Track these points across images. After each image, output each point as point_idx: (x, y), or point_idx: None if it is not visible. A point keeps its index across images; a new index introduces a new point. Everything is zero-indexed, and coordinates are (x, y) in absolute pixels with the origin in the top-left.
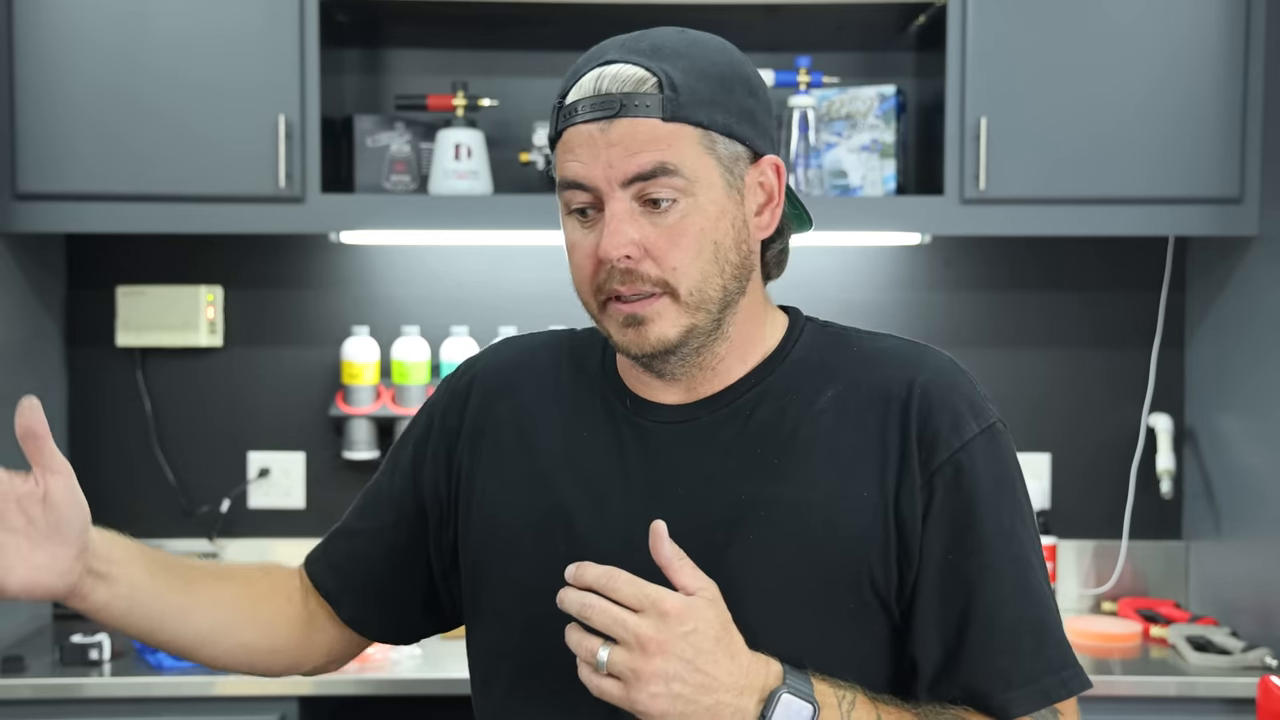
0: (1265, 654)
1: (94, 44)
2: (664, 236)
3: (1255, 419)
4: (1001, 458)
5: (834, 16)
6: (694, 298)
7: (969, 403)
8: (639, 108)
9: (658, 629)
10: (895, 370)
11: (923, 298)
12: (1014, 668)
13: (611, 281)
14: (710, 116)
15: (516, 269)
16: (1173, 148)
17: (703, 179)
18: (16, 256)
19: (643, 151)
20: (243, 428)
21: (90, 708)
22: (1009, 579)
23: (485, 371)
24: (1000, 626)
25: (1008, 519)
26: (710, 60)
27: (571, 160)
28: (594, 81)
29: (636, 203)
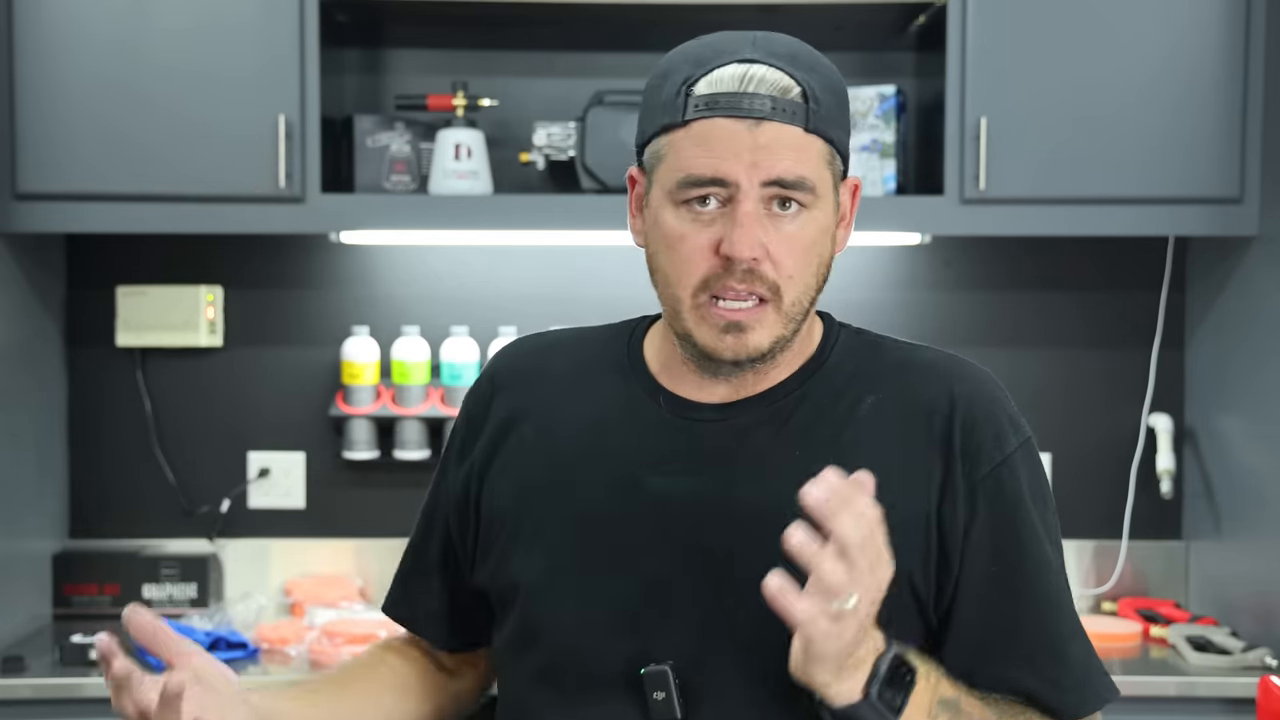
0: (1265, 654)
1: (94, 43)
2: (785, 243)
3: (1255, 419)
4: (1037, 470)
5: (833, 16)
6: (794, 308)
7: (1008, 416)
8: (785, 114)
9: (849, 571)
10: (937, 381)
11: (923, 298)
12: (1061, 676)
13: (729, 279)
14: (838, 134)
15: (516, 269)
16: (1172, 147)
17: (823, 193)
18: (16, 256)
19: (788, 158)
20: (243, 428)
21: (90, 708)
22: (1050, 591)
23: (503, 371)
24: (1046, 637)
25: (1042, 533)
26: (835, 78)
27: (705, 154)
28: (739, 77)
29: (764, 205)
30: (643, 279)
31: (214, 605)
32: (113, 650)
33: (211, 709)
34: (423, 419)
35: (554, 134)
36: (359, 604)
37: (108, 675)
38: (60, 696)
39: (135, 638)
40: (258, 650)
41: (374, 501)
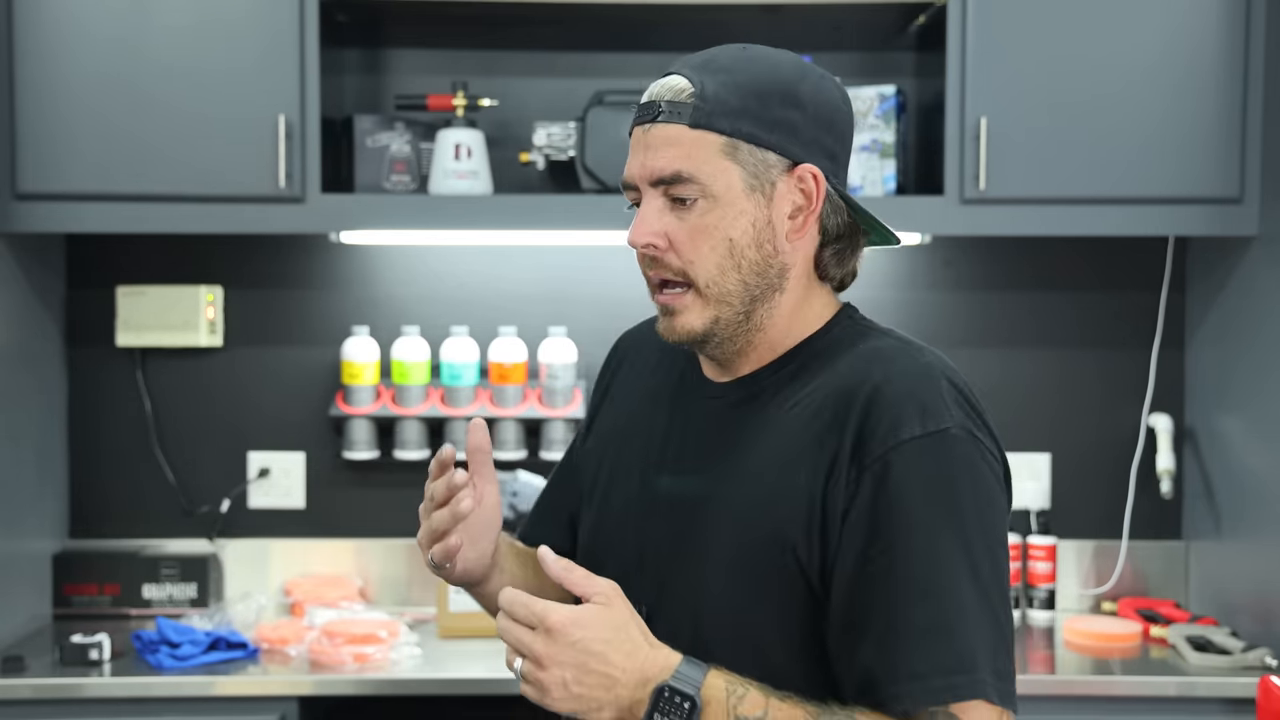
0: (1265, 654)
1: (94, 43)
2: (684, 231)
3: (1255, 419)
4: (943, 462)
5: (833, 16)
6: (712, 290)
7: (922, 406)
8: (673, 114)
9: (546, 644)
10: (868, 369)
11: (923, 298)
12: (905, 664)
13: (645, 268)
14: (734, 125)
15: (516, 269)
16: (1173, 148)
17: (721, 182)
18: (16, 256)
19: (665, 155)
20: (243, 428)
21: (90, 708)
22: (920, 581)
23: (625, 345)
24: (899, 623)
25: (933, 522)
26: (753, 75)
27: (628, 159)
28: (650, 89)
29: (665, 199)
30: (641, 279)
31: (214, 605)
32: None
33: (475, 530)
34: (423, 419)
35: (554, 134)
36: (359, 604)
37: (438, 468)
38: (60, 696)
39: (467, 443)
40: (258, 650)
41: (374, 501)
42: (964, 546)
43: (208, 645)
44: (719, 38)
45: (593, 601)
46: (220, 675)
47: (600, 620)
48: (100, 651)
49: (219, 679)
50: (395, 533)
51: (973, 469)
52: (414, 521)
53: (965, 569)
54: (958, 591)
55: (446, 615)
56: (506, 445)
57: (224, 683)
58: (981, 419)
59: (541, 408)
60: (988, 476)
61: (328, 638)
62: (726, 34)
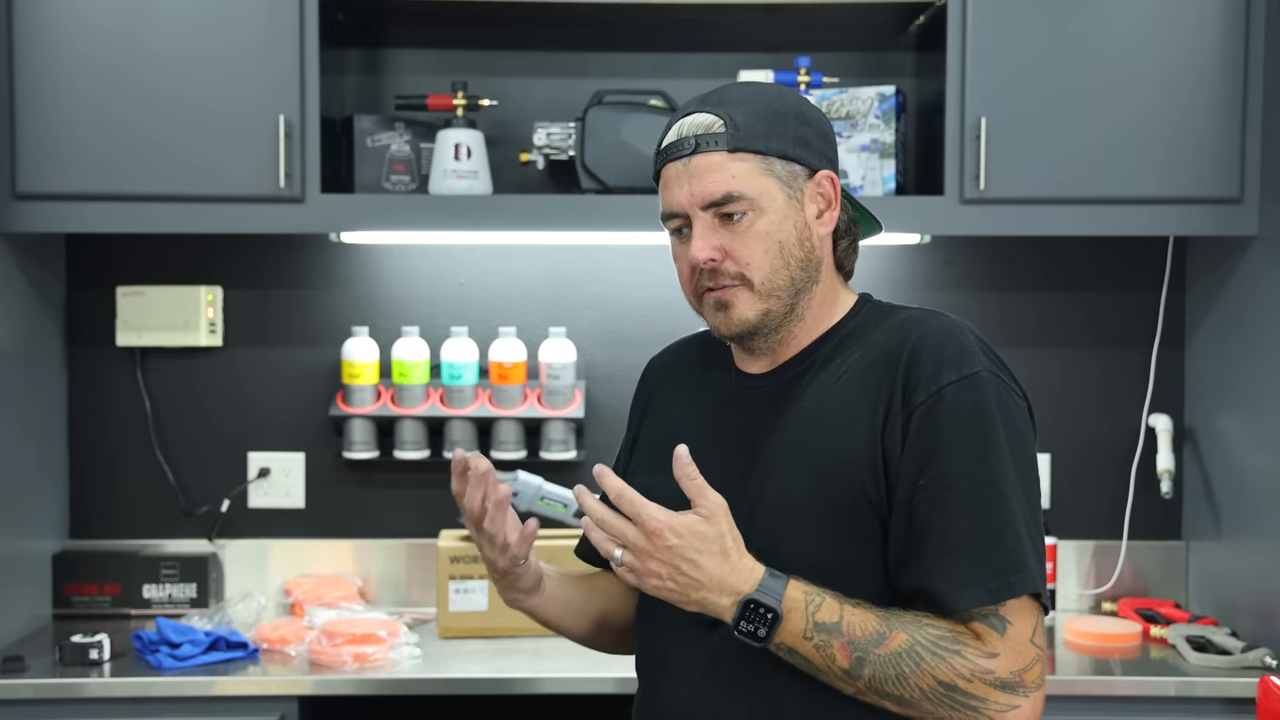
0: (1265, 654)
1: (93, 44)
2: (738, 241)
3: (1255, 419)
4: (978, 398)
5: (834, 16)
6: (765, 286)
7: (955, 355)
8: (709, 144)
9: (645, 541)
10: (901, 333)
11: (923, 297)
12: (961, 570)
13: (703, 280)
14: (766, 145)
15: (516, 269)
16: (1173, 148)
17: (764, 194)
18: (16, 256)
19: (712, 180)
20: (243, 428)
21: (90, 708)
22: (967, 498)
23: (655, 364)
24: (953, 536)
25: (975, 450)
26: (766, 102)
27: (666, 192)
28: (677, 129)
29: (715, 219)
30: (641, 279)
31: (214, 605)
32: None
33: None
34: (423, 419)
35: (554, 134)
36: (359, 604)
37: (459, 470)
38: (60, 696)
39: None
40: (258, 650)
41: (374, 501)
42: (1003, 468)
43: (208, 645)
44: (719, 38)
45: (697, 512)
46: (220, 675)
47: (696, 531)
48: (100, 651)
49: (219, 679)
50: (395, 533)
51: (1004, 404)
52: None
53: (1007, 487)
54: (1003, 506)
55: (446, 615)
56: (506, 445)
57: (224, 683)
58: (1004, 364)
59: (541, 408)
60: (1017, 410)
61: (328, 638)
62: (726, 34)
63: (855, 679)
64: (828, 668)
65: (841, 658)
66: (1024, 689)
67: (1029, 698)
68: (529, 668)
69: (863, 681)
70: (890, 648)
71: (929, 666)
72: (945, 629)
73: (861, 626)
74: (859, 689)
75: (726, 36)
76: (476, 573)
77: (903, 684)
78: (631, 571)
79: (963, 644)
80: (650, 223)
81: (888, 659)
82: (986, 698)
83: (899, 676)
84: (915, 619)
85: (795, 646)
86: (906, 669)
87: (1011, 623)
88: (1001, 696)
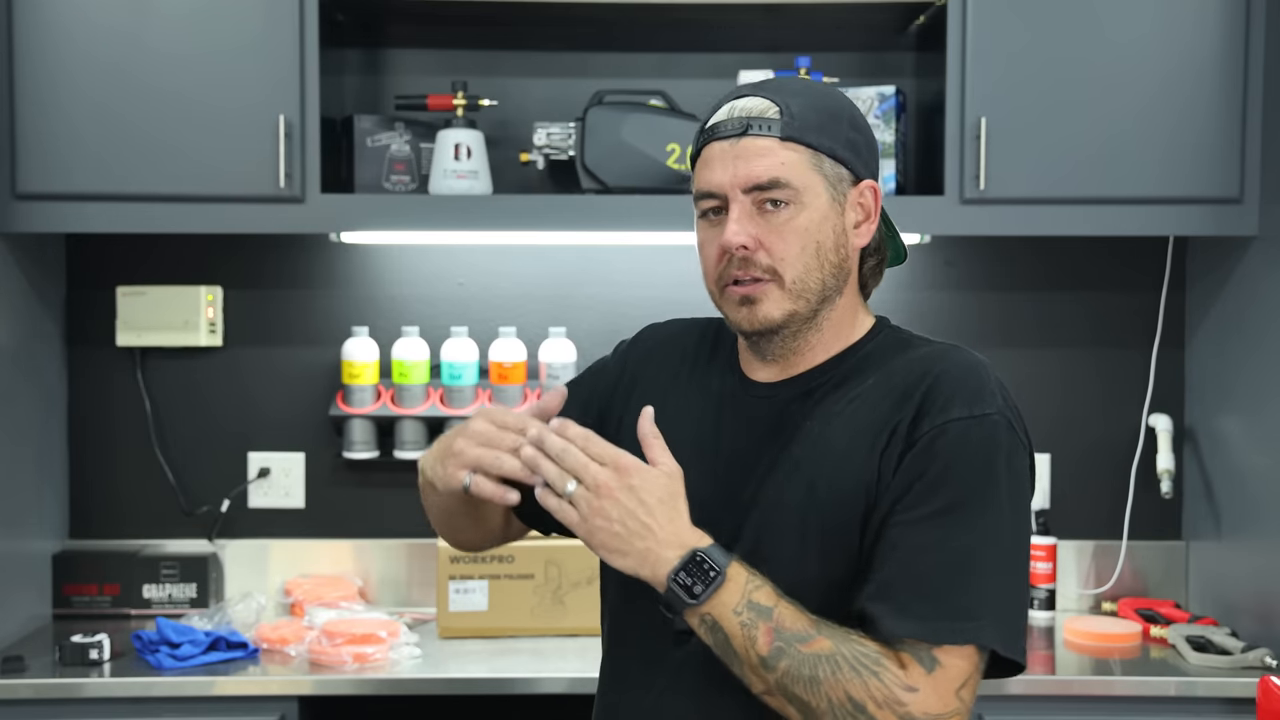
0: (1265, 654)
1: (93, 44)
2: (775, 233)
3: (1255, 419)
4: (986, 440)
5: (834, 16)
6: (796, 286)
7: (970, 394)
8: (762, 128)
9: (610, 478)
10: (922, 365)
11: (923, 298)
12: (908, 600)
13: (731, 268)
14: (819, 140)
15: (516, 269)
16: (1173, 148)
17: (810, 189)
18: (16, 256)
19: (761, 163)
20: (243, 428)
21: (90, 708)
22: (944, 532)
23: (651, 337)
24: (917, 566)
25: (968, 488)
26: (822, 99)
27: (705, 171)
28: (728, 110)
29: (754, 206)
30: (641, 279)
31: (214, 605)
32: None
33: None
34: (423, 419)
35: (554, 134)
36: (359, 604)
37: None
38: (60, 696)
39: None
40: (258, 650)
41: (374, 501)
42: (994, 514)
43: (208, 645)
44: (719, 38)
45: (660, 467)
46: (220, 675)
47: (659, 483)
48: (100, 651)
49: (219, 679)
50: (395, 533)
51: (1010, 453)
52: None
53: (992, 534)
54: (981, 553)
55: (446, 615)
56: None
57: (224, 683)
58: (1019, 416)
59: None
60: (1020, 461)
61: (328, 638)
62: (727, 34)
63: (769, 670)
64: (745, 651)
65: (763, 643)
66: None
67: None
68: (529, 668)
69: (775, 675)
70: (813, 649)
71: (844, 678)
72: (872, 649)
73: (792, 620)
74: (768, 685)
75: (726, 36)
76: (476, 573)
77: (813, 689)
78: (577, 509)
79: (883, 667)
80: (650, 222)
81: (806, 658)
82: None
83: (812, 680)
84: (845, 632)
85: (721, 619)
86: (821, 674)
87: (942, 665)
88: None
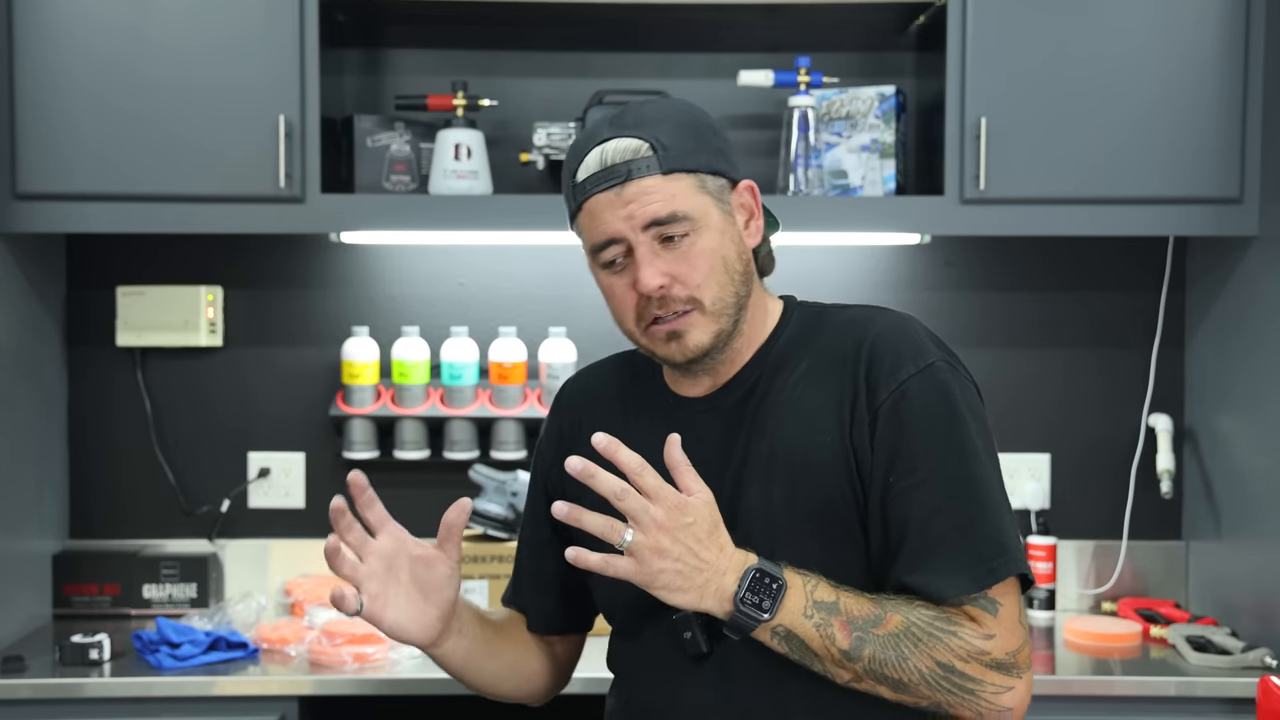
0: (1265, 654)
1: (94, 44)
2: (683, 262)
3: (1255, 419)
4: (939, 390)
5: (834, 16)
6: (716, 306)
7: (909, 347)
8: (641, 169)
9: (669, 516)
10: (852, 333)
11: (923, 298)
12: (942, 563)
13: (650, 308)
14: (695, 162)
15: (516, 269)
16: (1173, 148)
17: (703, 212)
18: (16, 256)
19: (653, 202)
20: (243, 428)
21: (90, 708)
22: (941, 491)
23: (573, 392)
24: (931, 532)
25: (943, 442)
26: (681, 118)
27: (596, 222)
28: (599, 158)
29: (656, 242)
30: None
31: (214, 605)
32: (343, 510)
33: (419, 587)
34: (423, 419)
35: (554, 134)
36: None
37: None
38: (60, 696)
39: (442, 522)
40: (258, 650)
41: None
42: (973, 456)
43: (208, 645)
44: (719, 38)
45: (698, 497)
46: (220, 675)
47: (704, 513)
48: (100, 651)
49: (219, 679)
50: None
51: (962, 390)
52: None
53: (979, 473)
54: (977, 494)
55: None
56: (506, 445)
57: (224, 683)
58: (952, 351)
59: (541, 408)
60: (972, 394)
61: (328, 638)
62: (727, 34)
63: (855, 661)
64: (826, 650)
65: (842, 638)
66: (1017, 670)
67: (1021, 679)
68: None
69: (862, 664)
70: (888, 628)
71: (926, 647)
72: (938, 611)
73: (858, 607)
74: (857, 673)
75: (726, 36)
76: (477, 573)
77: (902, 666)
78: (637, 556)
79: (958, 624)
80: None
81: (887, 640)
82: (983, 679)
83: (899, 658)
84: (908, 602)
85: (794, 627)
86: (906, 650)
87: (1002, 604)
88: (997, 678)
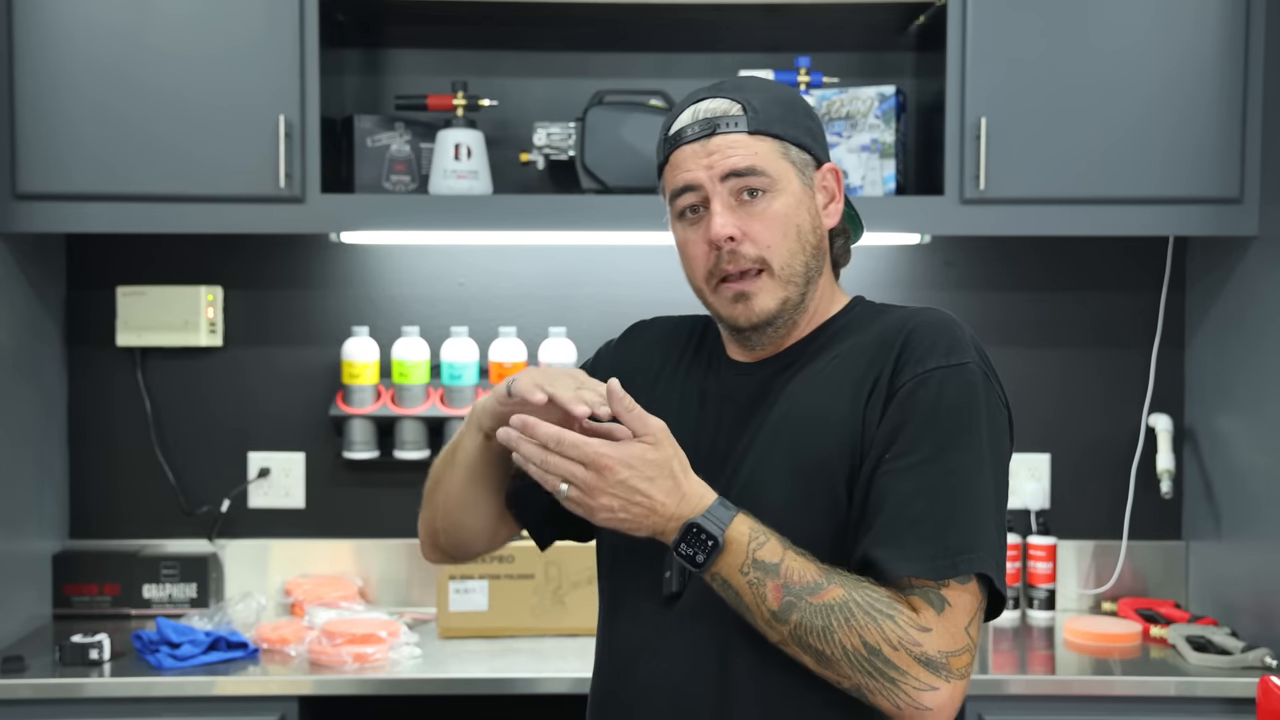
0: (1265, 654)
1: (94, 44)
2: (757, 220)
3: (1255, 419)
4: (964, 390)
5: (834, 16)
6: (785, 272)
7: (946, 345)
8: (729, 126)
9: (596, 479)
10: (897, 322)
11: (923, 298)
12: (907, 541)
13: (720, 263)
14: (783, 130)
15: (516, 269)
16: (1173, 148)
17: (783, 176)
18: (16, 256)
19: (735, 154)
20: (243, 428)
21: (90, 708)
22: (932, 478)
23: (638, 335)
24: (910, 511)
25: (950, 433)
26: (777, 93)
27: (680, 172)
28: (692, 114)
29: (733, 197)
30: (641, 279)
31: (214, 605)
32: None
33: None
34: (423, 419)
35: (554, 134)
36: (359, 604)
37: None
38: (60, 696)
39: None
40: (258, 650)
41: (374, 501)
42: (976, 457)
43: (208, 645)
44: (719, 38)
45: (643, 440)
46: (220, 675)
47: (647, 460)
48: (100, 651)
49: (219, 679)
50: (395, 533)
51: (989, 400)
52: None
53: (976, 475)
54: (967, 491)
55: (446, 615)
56: None
57: (224, 683)
58: (994, 368)
59: None
60: (999, 413)
61: (328, 638)
62: (727, 34)
63: (781, 623)
64: (756, 607)
65: (772, 598)
66: (947, 672)
67: (949, 683)
68: (529, 668)
69: (788, 628)
70: (824, 599)
71: (858, 625)
72: (883, 594)
73: (800, 573)
74: (783, 636)
75: (726, 36)
76: (477, 572)
77: (827, 638)
78: (580, 506)
79: (897, 610)
80: (650, 222)
81: (818, 609)
82: (907, 671)
83: (825, 629)
84: (857, 579)
85: (729, 579)
86: (834, 623)
87: (951, 605)
88: (923, 674)
